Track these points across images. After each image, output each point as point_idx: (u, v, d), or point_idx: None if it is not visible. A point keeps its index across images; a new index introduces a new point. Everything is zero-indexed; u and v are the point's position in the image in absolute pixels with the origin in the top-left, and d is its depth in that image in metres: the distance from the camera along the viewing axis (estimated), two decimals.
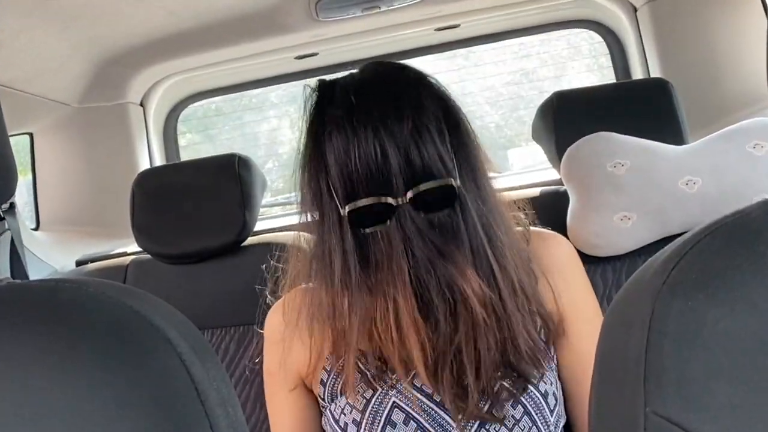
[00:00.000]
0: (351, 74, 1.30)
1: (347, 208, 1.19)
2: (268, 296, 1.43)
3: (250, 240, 2.21)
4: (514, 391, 1.21)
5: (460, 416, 1.19)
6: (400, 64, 1.33)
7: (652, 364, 0.56)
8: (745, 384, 0.53)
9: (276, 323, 1.37)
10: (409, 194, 1.16)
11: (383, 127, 1.17)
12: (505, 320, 1.19)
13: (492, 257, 1.20)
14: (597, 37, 2.92)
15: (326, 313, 1.27)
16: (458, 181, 1.19)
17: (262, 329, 1.43)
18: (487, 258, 1.20)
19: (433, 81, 1.29)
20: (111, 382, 0.58)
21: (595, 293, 1.81)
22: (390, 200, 1.17)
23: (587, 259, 1.87)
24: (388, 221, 1.18)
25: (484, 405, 1.19)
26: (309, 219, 1.29)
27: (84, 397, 0.57)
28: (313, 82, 1.30)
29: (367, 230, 1.20)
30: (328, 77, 1.31)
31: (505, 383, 1.21)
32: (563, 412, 1.29)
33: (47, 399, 0.57)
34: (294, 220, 1.33)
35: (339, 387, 1.27)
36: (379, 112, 1.18)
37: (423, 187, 1.16)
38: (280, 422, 1.38)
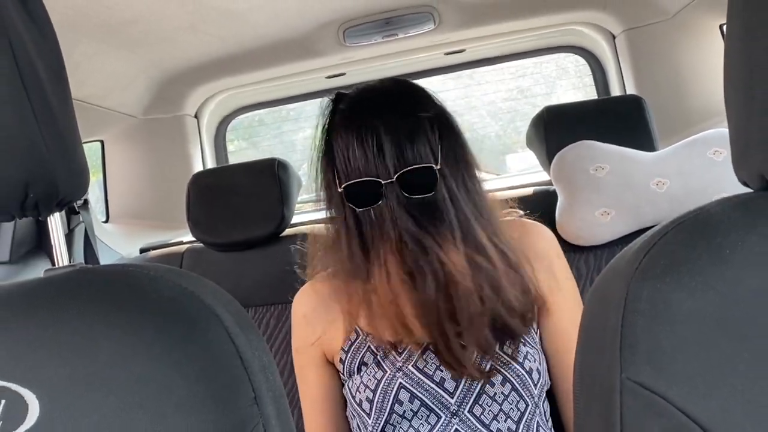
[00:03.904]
0: (362, 87, 1.32)
1: (344, 185, 1.20)
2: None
3: (288, 231, 2.22)
4: (508, 359, 1.21)
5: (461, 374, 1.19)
6: (405, 80, 1.34)
7: (627, 337, 0.56)
8: (704, 355, 0.53)
9: (301, 307, 1.37)
10: (396, 175, 1.17)
11: (383, 125, 1.18)
12: (495, 279, 1.18)
13: (479, 229, 1.20)
14: (581, 60, 2.90)
15: (339, 295, 1.28)
16: (439, 166, 1.19)
17: None
18: (474, 231, 1.19)
19: (429, 92, 1.30)
20: (168, 353, 0.58)
21: (579, 277, 1.82)
22: (380, 179, 1.17)
23: (573, 248, 1.87)
24: (380, 201, 1.18)
25: (485, 365, 1.19)
26: (327, 213, 1.30)
27: (145, 367, 0.57)
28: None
29: (363, 209, 1.20)
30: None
31: (498, 351, 1.20)
32: (546, 380, 1.29)
33: (114, 369, 0.57)
34: (323, 214, 1.33)
35: (355, 366, 1.27)
36: (380, 115, 1.20)
37: (408, 168, 1.17)
38: (309, 393, 1.37)
